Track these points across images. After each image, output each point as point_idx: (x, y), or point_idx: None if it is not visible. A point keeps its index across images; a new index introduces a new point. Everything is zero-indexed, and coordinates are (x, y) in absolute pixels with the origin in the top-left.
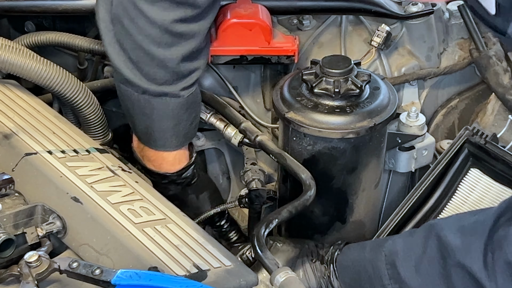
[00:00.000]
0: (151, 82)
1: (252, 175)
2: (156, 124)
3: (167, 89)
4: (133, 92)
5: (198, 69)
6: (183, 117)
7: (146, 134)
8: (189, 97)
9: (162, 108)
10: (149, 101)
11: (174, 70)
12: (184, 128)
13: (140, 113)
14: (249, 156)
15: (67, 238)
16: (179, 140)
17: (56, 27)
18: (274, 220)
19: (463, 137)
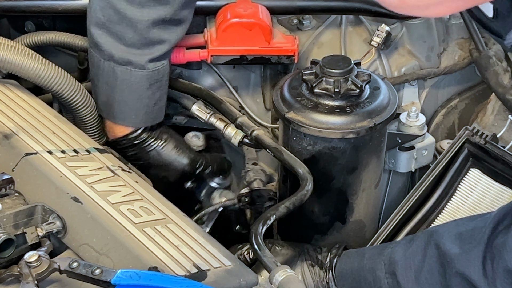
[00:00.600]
0: (118, 43)
1: (254, 175)
2: (117, 95)
3: (132, 57)
4: (100, 58)
5: (167, 41)
6: (146, 93)
7: (107, 106)
8: (154, 72)
9: (125, 78)
10: (114, 69)
11: (143, 34)
12: (146, 105)
13: (104, 82)
14: (250, 156)
15: (67, 238)
16: (138, 118)
17: (56, 27)
18: (271, 217)
19: (463, 137)
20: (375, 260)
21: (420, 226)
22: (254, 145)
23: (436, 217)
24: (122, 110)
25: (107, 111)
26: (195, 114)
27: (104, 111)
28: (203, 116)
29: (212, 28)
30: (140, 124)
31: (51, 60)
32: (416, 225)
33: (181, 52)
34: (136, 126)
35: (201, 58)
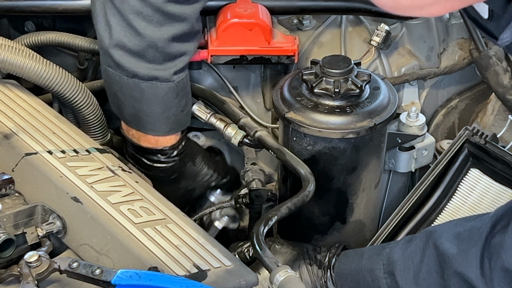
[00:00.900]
0: (141, 62)
1: (253, 175)
2: (145, 108)
3: (157, 73)
4: (122, 76)
5: (188, 52)
6: (173, 103)
7: (135, 117)
8: (179, 83)
9: (152, 92)
10: (139, 85)
11: (164, 50)
12: (174, 114)
13: (129, 96)
14: (250, 156)
15: (67, 238)
16: (169, 127)
17: (56, 27)
18: (273, 217)
19: (463, 137)
20: (374, 260)
21: (420, 226)
22: (254, 145)
23: (436, 217)
24: (151, 122)
25: (135, 122)
26: (195, 114)
27: (133, 122)
28: (203, 116)
29: (212, 28)
30: (170, 132)
31: (51, 60)
32: (416, 225)
33: None
34: (166, 134)
35: (201, 58)
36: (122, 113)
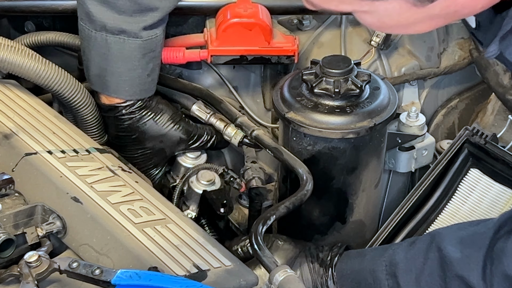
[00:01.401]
0: (110, 11)
1: (252, 173)
2: (110, 66)
3: (125, 25)
4: (91, 30)
5: (160, 8)
6: (140, 62)
7: (100, 78)
8: (147, 41)
9: (118, 48)
10: (106, 40)
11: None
12: (139, 76)
13: (96, 54)
14: (250, 155)
15: (67, 238)
16: (132, 89)
17: (56, 27)
18: (271, 217)
19: (463, 137)
20: (376, 261)
21: (420, 226)
22: (254, 145)
23: (436, 217)
24: (115, 82)
25: (99, 83)
26: (195, 114)
27: (96, 84)
28: (203, 116)
29: (212, 28)
30: (133, 96)
31: (51, 60)
32: (416, 225)
33: (181, 52)
34: (129, 98)
35: (201, 58)
36: (88, 74)
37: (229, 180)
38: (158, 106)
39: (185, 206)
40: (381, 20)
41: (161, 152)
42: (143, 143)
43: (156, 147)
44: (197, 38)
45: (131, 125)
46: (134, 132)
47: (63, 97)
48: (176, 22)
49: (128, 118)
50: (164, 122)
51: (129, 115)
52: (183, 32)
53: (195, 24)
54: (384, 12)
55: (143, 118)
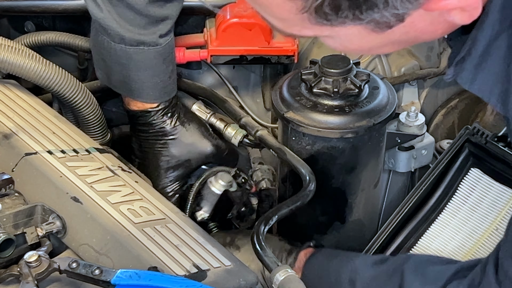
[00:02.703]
0: (126, 27)
1: (262, 174)
2: (132, 74)
3: (143, 37)
4: (110, 42)
5: (170, 16)
6: (161, 68)
7: (124, 84)
8: (165, 47)
9: (139, 58)
10: (126, 51)
11: (143, 13)
12: (162, 81)
13: (117, 63)
14: (255, 155)
15: (67, 238)
16: (156, 93)
17: (56, 27)
18: (273, 217)
19: (464, 136)
20: (344, 264)
21: (420, 226)
22: (254, 145)
23: (436, 217)
24: (139, 88)
25: (123, 88)
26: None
27: (121, 89)
28: (203, 116)
29: (212, 28)
30: (159, 99)
31: (51, 60)
32: (417, 225)
33: (181, 52)
34: (155, 101)
35: (201, 58)
36: (110, 80)
37: (241, 181)
38: (188, 115)
39: (198, 207)
40: (344, 45)
41: (187, 163)
42: (171, 149)
43: (183, 157)
44: (197, 38)
45: (162, 130)
46: (164, 137)
47: (63, 97)
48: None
49: (160, 122)
50: (193, 131)
51: (160, 119)
52: (183, 32)
53: (195, 24)
54: (345, 37)
55: (173, 123)
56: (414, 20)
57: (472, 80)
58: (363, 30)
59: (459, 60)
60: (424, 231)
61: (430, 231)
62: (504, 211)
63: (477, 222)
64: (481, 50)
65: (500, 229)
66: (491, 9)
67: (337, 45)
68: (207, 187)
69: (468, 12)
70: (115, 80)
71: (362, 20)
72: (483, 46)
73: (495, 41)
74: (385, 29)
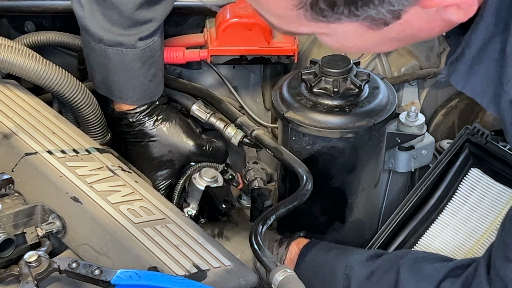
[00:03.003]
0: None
1: (254, 174)
2: (111, 75)
3: (122, 38)
4: (91, 41)
5: (154, 19)
6: (140, 71)
7: (104, 85)
8: (145, 50)
9: (117, 59)
10: (105, 51)
11: (129, 16)
12: (141, 84)
13: (98, 63)
14: (251, 155)
15: (67, 238)
16: (136, 96)
17: (56, 27)
18: (271, 217)
19: (464, 136)
20: (339, 260)
21: (420, 226)
22: (254, 145)
23: (436, 217)
24: (119, 89)
25: (104, 89)
26: (195, 114)
27: (102, 89)
28: (203, 116)
29: (212, 28)
30: (139, 102)
31: (51, 60)
32: (417, 225)
33: (181, 52)
34: (135, 103)
35: (201, 58)
36: (93, 80)
37: (228, 177)
38: (170, 115)
39: (186, 204)
40: (340, 42)
41: (170, 163)
42: (152, 150)
43: (164, 157)
44: (197, 38)
45: (141, 131)
46: (144, 138)
47: (63, 97)
48: (176, 22)
49: (139, 124)
50: (174, 132)
51: (139, 121)
52: (183, 32)
53: (195, 24)
54: (341, 35)
55: (153, 125)
56: (410, 17)
57: (465, 81)
58: (359, 27)
59: (453, 61)
60: (424, 231)
61: (430, 231)
62: (504, 211)
63: (477, 222)
64: (474, 52)
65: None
66: (486, 12)
67: (334, 43)
68: (192, 183)
69: (464, 9)
70: (97, 80)
71: (358, 17)
72: (476, 48)
73: (489, 44)
74: (381, 26)
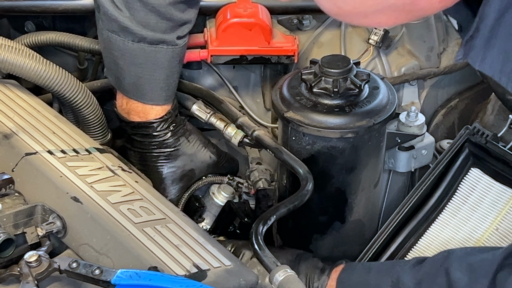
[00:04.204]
0: (148, 25)
1: (259, 174)
2: (148, 75)
3: (165, 36)
4: (127, 41)
5: (190, 20)
6: (176, 68)
7: (135, 87)
8: (183, 47)
9: (158, 57)
10: (144, 50)
11: (166, 17)
12: (174, 81)
13: (131, 63)
14: (254, 155)
15: (67, 238)
16: (168, 94)
17: (56, 27)
18: (272, 217)
19: (464, 136)
20: (383, 277)
21: (420, 226)
22: (254, 145)
23: (436, 217)
24: (152, 89)
25: (135, 92)
26: (195, 114)
27: (132, 93)
28: (203, 116)
29: (212, 28)
30: (169, 100)
31: (51, 60)
32: (417, 225)
33: None
34: (165, 103)
35: (201, 58)
36: (121, 83)
37: (236, 186)
38: (188, 125)
39: (200, 219)
40: (338, 5)
41: (191, 173)
42: (175, 160)
43: (187, 167)
44: (197, 38)
45: (165, 141)
46: (167, 148)
47: (64, 97)
48: None
49: (163, 134)
50: (194, 141)
51: (164, 130)
52: None
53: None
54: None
55: (176, 134)
56: None
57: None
58: None
59: (468, 39)
60: (424, 231)
61: (430, 231)
62: (504, 211)
63: (477, 222)
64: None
65: (500, 229)
66: None
67: (331, 6)
68: (210, 198)
69: None
70: (127, 83)
71: None
72: (491, 22)
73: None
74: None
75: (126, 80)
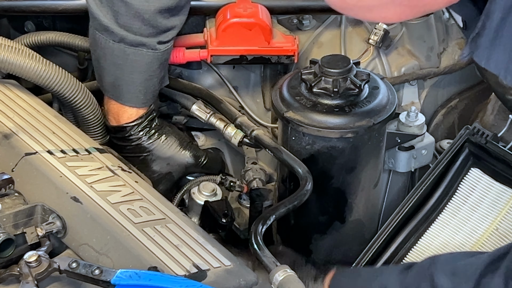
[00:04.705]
0: (129, 27)
1: (253, 174)
2: (126, 76)
3: (145, 40)
4: (108, 40)
5: (175, 27)
6: (155, 73)
7: (114, 87)
8: (164, 52)
9: (137, 59)
10: (124, 51)
11: (151, 23)
12: (153, 85)
13: (111, 63)
14: (250, 155)
15: (67, 238)
16: (146, 97)
17: (56, 27)
18: (271, 217)
19: (464, 136)
20: (371, 283)
21: (420, 226)
22: (254, 145)
23: (436, 217)
24: (130, 91)
25: (113, 92)
26: (195, 114)
27: (111, 92)
28: (203, 116)
29: (212, 28)
30: (147, 104)
31: (51, 60)
32: (417, 225)
33: (181, 52)
34: (142, 106)
35: (201, 58)
36: (102, 81)
37: (229, 185)
38: (165, 128)
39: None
40: None
41: (169, 176)
42: (151, 165)
43: (163, 170)
44: (197, 38)
45: (139, 146)
46: (141, 152)
47: (63, 97)
48: None
49: (136, 138)
50: (171, 144)
51: (136, 135)
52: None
53: (195, 24)
54: None
55: (150, 138)
56: None
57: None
58: None
59: (474, 37)
60: (424, 231)
61: (430, 231)
62: (504, 211)
63: (477, 222)
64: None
65: (500, 229)
66: None
67: None
68: (191, 198)
69: None
70: (106, 82)
71: None
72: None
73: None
74: None
75: (105, 78)
